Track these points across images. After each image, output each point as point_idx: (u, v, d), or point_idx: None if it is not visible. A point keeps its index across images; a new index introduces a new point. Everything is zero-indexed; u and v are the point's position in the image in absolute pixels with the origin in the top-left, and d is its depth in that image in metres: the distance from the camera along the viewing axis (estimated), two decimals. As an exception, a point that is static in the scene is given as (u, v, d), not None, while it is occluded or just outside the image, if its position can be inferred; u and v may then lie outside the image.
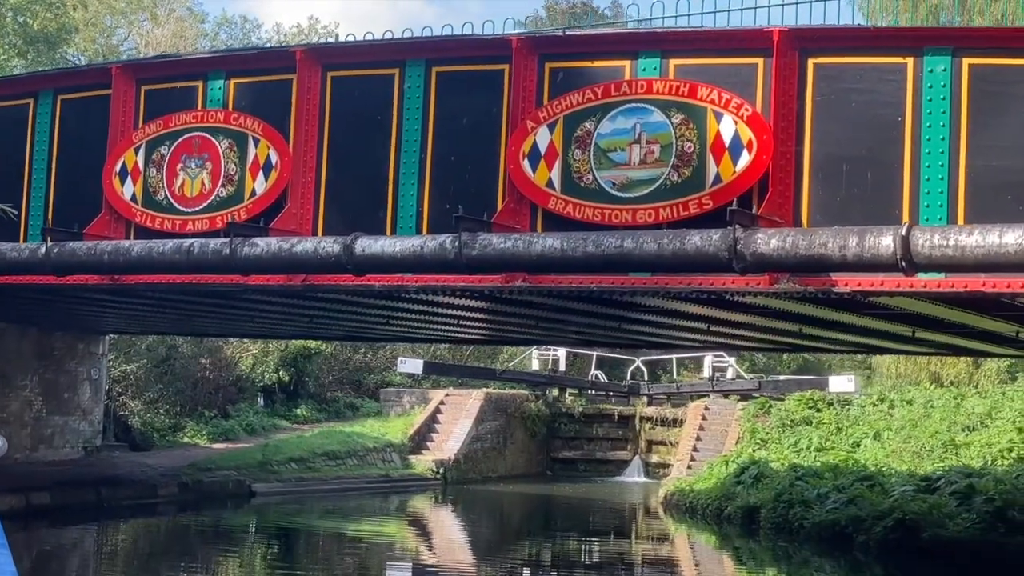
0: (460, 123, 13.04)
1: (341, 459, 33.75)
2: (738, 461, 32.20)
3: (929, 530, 22.52)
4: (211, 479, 28.85)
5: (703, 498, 29.97)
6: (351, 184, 13.63)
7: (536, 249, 11.42)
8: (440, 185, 13.08)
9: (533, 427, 41.88)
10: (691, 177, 11.55)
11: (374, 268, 12.40)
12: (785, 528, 26.10)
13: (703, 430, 36.86)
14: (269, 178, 13.78)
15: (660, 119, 11.73)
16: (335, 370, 47.78)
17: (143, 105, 14.89)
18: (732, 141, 11.41)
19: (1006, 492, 22.80)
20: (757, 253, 10.45)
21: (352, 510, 31.50)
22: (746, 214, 10.73)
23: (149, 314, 21.73)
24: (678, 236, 10.81)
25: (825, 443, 33.20)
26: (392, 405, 41.92)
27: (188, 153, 14.31)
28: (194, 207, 14.20)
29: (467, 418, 38.47)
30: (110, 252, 13.74)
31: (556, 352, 44.42)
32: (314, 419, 42.43)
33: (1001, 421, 30.96)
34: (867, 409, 36.43)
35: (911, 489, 24.95)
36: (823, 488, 26.60)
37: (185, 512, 27.41)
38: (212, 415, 38.37)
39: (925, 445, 30.34)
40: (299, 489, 31.14)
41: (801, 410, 36.21)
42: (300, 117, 13.72)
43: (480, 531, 31.52)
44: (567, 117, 12.22)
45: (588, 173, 12.04)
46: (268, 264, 12.86)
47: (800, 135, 11.33)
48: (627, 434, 43.19)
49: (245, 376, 41.88)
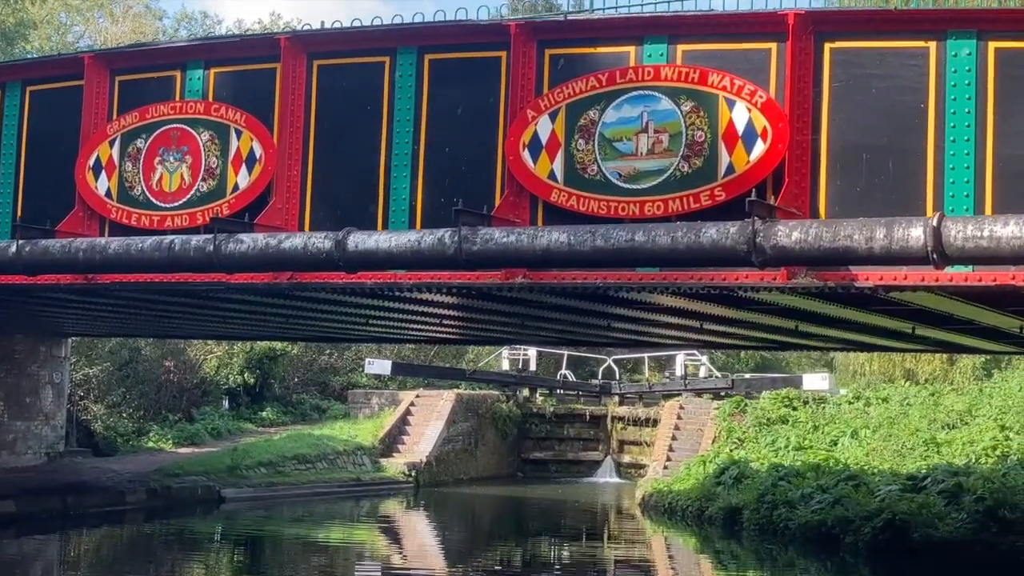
0: (455, 113, 12.48)
1: (311, 463, 33.14)
2: (716, 461, 31.84)
3: (919, 530, 22.19)
4: (180, 485, 28.17)
5: (682, 499, 29.57)
6: (339, 178, 13.05)
7: (541, 243, 10.88)
8: (434, 178, 12.52)
9: (504, 428, 41.40)
10: (702, 167, 11.05)
11: (368, 265, 11.83)
12: (769, 529, 25.72)
13: (678, 429, 36.49)
14: (253, 171, 13.17)
15: (669, 107, 11.23)
16: (300, 372, 47.13)
17: (117, 96, 14.24)
18: (746, 129, 10.93)
19: (996, 491, 22.48)
20: (778, 246, 9.96)
21: (323, 515, 30.90)
22: (765, 205, 10.25)
23: (117, 315, 21.02)
24: (693, 229, 10.30)
25: (803, 442, 32.90)
26: (360, 407, 41.32)
27: (166, 146, 13.68)
28: (173, 202, 13.57)
29: (438, 419, 37.94)
30: (85, 250, 13.09)
31: (527, 352, 43.94)
32: (280, 422, 41.78)
33: (982, 418, 30.74)
34: (843, 407, 36.21)
35: (897, 489, 24.62)
36: (807, 488, 26.24)
37: (154, 519, 26.71)
38: (176, 419, 37.66)
39: (906, 443, 30.07)
40: (270, 494, 30.51)
41: (777, 409, 35.93)
42: (285, 108, 13.12)
43: (453, 535, 31.03)
44: (569, 106, 11.69)
45: (592, 164, 11.53)
46: (254, 261, 12.25)
47: (817, 123, 10.85)
48: (599, 434, 42.84)
49: (209, 379, 41.19)
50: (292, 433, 36.65)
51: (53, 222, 13.99)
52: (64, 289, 14.98)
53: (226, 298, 16.39)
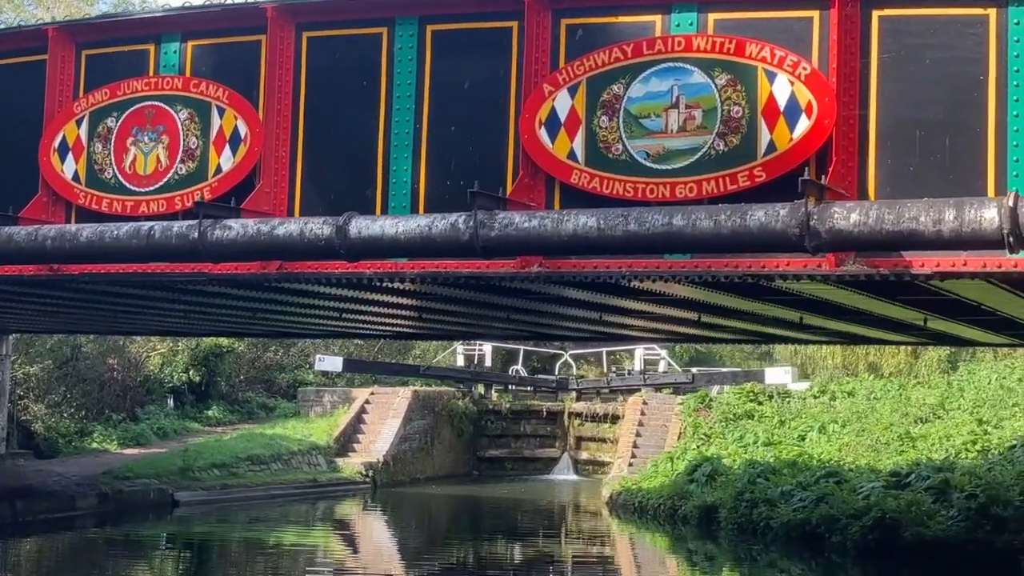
0: (461, 89, 11.54)
1: (265, 464, 32.14)
2: (686, 458, 31.25)
3: (910, 529, 21.64)
4: (131, 488, 27.07)
5: (653, 497, 28.91)
6: (332, 160, 12.07)
7: (567, 228, 10.01)
8: (438, 159, 11.58)
9: (460, 425, 40.60)
10: (740, 146, 10.22)
11: (371, 252, 10.89)
12: (749, 528, 25.10)
13: (642, 426, 35.86)
14: (237, 153, 12.15)
15: (702, 80, 10.39)
16: (245, 369, 46.04)
17: (84, 72, 13.16)
18: (788, 104, 10.11)
19: (987, 487, 21.96)
20: (835, 230, 9.16)
21: (279, 518, 29.98)
22: (818, 185, 9.45)
23: (73, 310, 19.87)
24: (738, 211, 9.48)
25: (772, 437, 32.38)
26: (311, 405, 40.28)
27: (140, 125, 12.61)
28: (148, 186, 12.51)
29: (395, 417, 37.03)
30: (54, 238, 12.03)
31: (482, 347, 43.17)
32: (227, 421, 40.74)
33: (956, 412, 30.37)
34: (808, 401, 35.84)
35: (880, 486, 24.05)
36: (786, 486, 25.65)
37: (105, 525, 25.63)
38: (120, 418, 36.50)
39: (880, 438, 29.63)
40: (224, 497, 29.47)
41: (742, 403, 35.44)
42: (272, 84, 12.11)
43: (410, 537, 30.23)
44: (591, 80, 10.81)
45: (617, 143, 10.66)
46: (244, 249, 11.27)
47: (865, 97, 10.05)
48: (556, 431, 42.21)
49: (153, 377, 40.01)
50: (243, 433, 35.59)
51: (15, 209, 12.92)
52: (25, 282, 13.88)
53: (199, 291, 15.38)
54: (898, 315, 16.11)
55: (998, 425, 28.09)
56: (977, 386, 32.53)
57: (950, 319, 16.73)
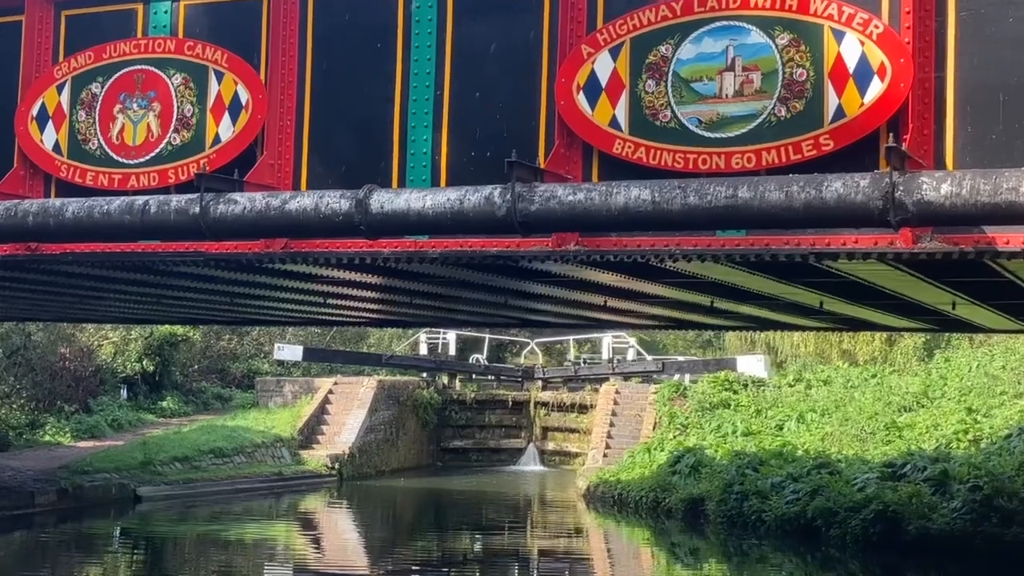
0: (486, 51, 10.61)
1: (228, 457, 31.03)
2: (665, 448, 30.53)
3: (913, 523, 20.97)
4: (92, 483, 25.94)
5: (634, 490, 28.16)
6: (342, 129, 11.09)
7: (618, 202, 9.11)
8: (461, 129, 10.64)
9: (424, 416, 39.69)
10: (804, 112, 9.35)
11: (395, 229, 9.94)
12: (739, 522, 24.41)
13: (616, 415, 35.08)
14: (238, 121, 11.16)
15: (761, 40, 9.52)
16: (198, 359, 44.86)
17: (64, 34, 12.11)
18: (858, 66, 9.26)
19: (991, 478, 21.34)
20: (923, 202, 8.32)
21: (244, 513, 28.92)
22: (902, 153, 8.62)
23: (32, 295, 18.72)
24: (812, 182, 8.62)
25: (750, 427, 31.71)
26: (271, 395, 39.20)
27: (128, 91, 11.59)
28: (138, 158, 11.48)
29: (360, 408, 36.02)
30: (36, 213, 10.97)
31: (446, 336, 42.27)
32: (182, 412, 39.61)
33: (942, 400, 29.80)
34: (783, 390, 35.21)
35: (875, 477, 23.43)
36: (776, 477, 24.96)
37: (66, 522, 24.50)
38: (73, 410, 35.30)
39: (865, 428, 29.00)
40: (187, 492, 28.39)
41: (717, 392, 34.76)
42: (276, 47, 11.12)
43: (383, 532, 29.32)
44: (635, 40, 9.92)
45: (665, 109, 9.77)
46: (251, 226, 10.28)
47: (941, 59, 9.25)
48: (521, 421, 41.46)
49: (106, 366, 38.76)
50: (203, 424, 34.44)
51: (-11, 183, 11.88)
52: None
53: (184, 273, 14.35)
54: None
55: (988, 414, 27.53)
56: (960, 374, 31.99)
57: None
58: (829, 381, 35.21)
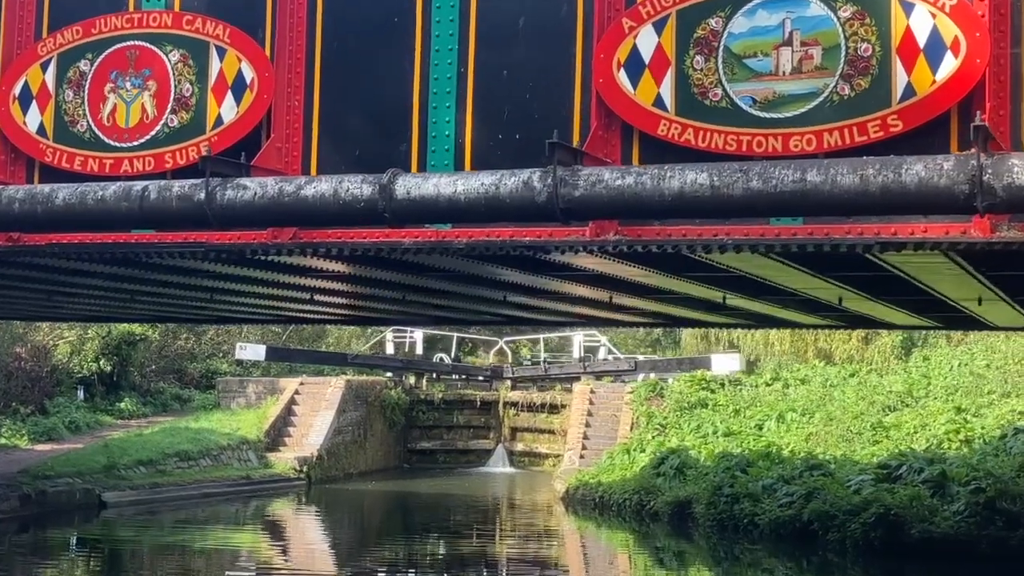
0: (514, 26, 9.87)
1: (194, 460, 30.11)
2: (646, 449, 29.90)
3: (916, 526, 20.42)
4: (54, 489, 24.98)
5: (616, 492, 27.51)
6: (355, 110, 10.32)
7: (672, 187, 8.39)
8: (487, 109, 9.90)
9: (392, 416, 38.91)
10: (869, 90, 8.69)
11: (423, 216, 9.17)
12: (730, 525, 23.81)
13: (591, 415, 34.41)
14: (242, 101, 10.37)
15: (821, 12, 8.85)
16: (155, 358, 43.80)
17: (48, 8, 11.28)
18: (930, 40, 8.62)
19: (993, 480, 20.85)
20: (1015, 186, 7.64)
21: (211, 518, 28.03)
22: (988, 133, 7.97)
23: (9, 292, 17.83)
24: (889, 164, 7.94)
25: (730, 427, 31.17)
26: (233, 396, 38.28)
27: (120, 69, 10.76)
28: (131, 141, 10.66)
29: (328, 409, 35.14)
30: (23, 200, 10.13)
31: (413, 334, 41.47)
32: (140, 413, 38.64)
33: (927, 400, 29.36)
34: (761, 389, 34.70)
35: (870, 478, 22.90)
36: (766, 479, 24.38)
37: (29, 530, 23.51)
38: (28, 411, 34.28)
39: (851, 427, 28.49)
40: (153, 497, 27.46)
41: (694, 391, 34.22)
42: (283, 21, 10.34)
43: (348, 537, 28.55)
44: (682, 12, 9.22)
45: (715, 87, 9.08)
46: (262, 213, 9.48)
47: (1017, 34, 8.63)
48: (490, 421, 40.80)
49: (61, 367, 37.69)
50: (165, 426, 33.46)
51: (-32, 168, 11.02)
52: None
53: (169, 267, 13.53)
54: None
55: (978, 413, 27.13)
56: (943, 373, 31.60)
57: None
58: (807, 380, 34.76)
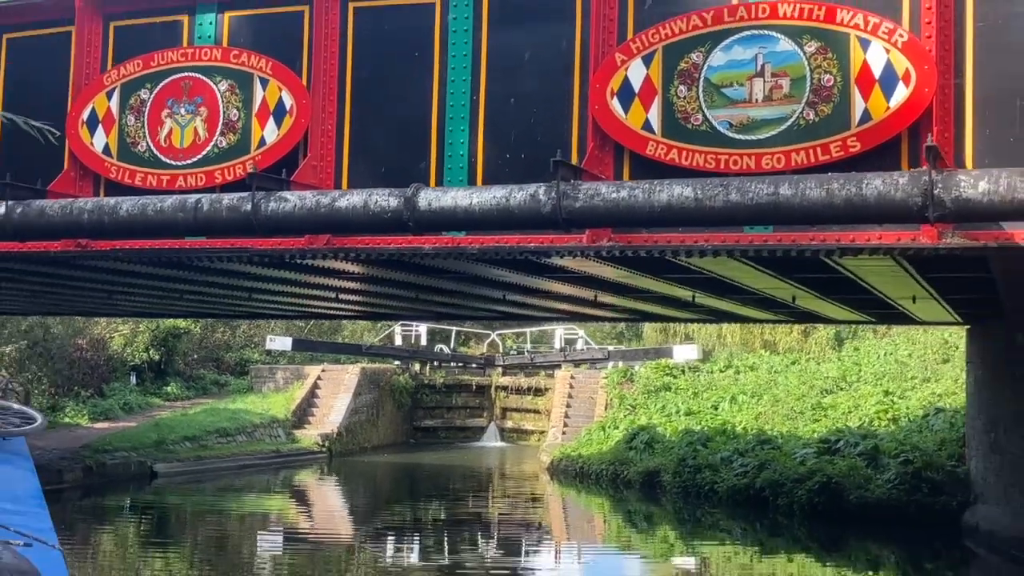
0: (520, 59, 9.66)
1: (232, 436, 29.77)
2: (619, 426, 29.64)
3: (854, 492, 20.25)
4: (113, 461, 24.66)
5: (595, 463, 27.28)
6: (381, 132, 10.09)
7: (660, 199, 8.20)
8: (496, 131, 9.68)
9: (400, 399, 38.60)
10: (831, 115, 8.50)
11: (442, 225, 8.97)
12: (693, 492, 23.61)
13: (572, 397, 34.17)
14: (282, 125, 10.14)
15: (789, 48, 8.65)
16: (197, 349, 43.39)
17: (112, 44, 11.02)
18: (884, 72, 8.41)
19: (920, 453, 20.69)
20: (961, 199, 7.49)
21: (246, 486, 27.71)
22: (938, 152, 7.77)
23: (63, 290, 17.50)
24: (852, 180, 7.76)
25: (691, 407, 30.94)
26: (264, 381, 37.91)
27: (175, 97, 10.51)
28: (186, 159, 10.44)
29: (346, 392, 34.84)
30: (91, 211, 9.89)
31: (418, 328, 41.15)
32: (184, 396, 38.18)
33: (859, 384, 29.19)
34: (716, 375, 34.45)
35: (813, 451, 22.71)
36: (724, 452, 24.18)
37: (91, 496, 23.18)
38: (88, 394, 33.84)
39: (794, 408, 28.29)
40: (197, 468, 27.13)
41: (659, 377, 33.96)
42: (318, 56, 10.12)
43: (363, 501, 28.25)
44: (667, 48, 9.02)
45: (697, 113, 8.87)
46: (301, 223, 9.26)
47: (960, 67, 8.43)
48: (484, 403, 40.44)
49: (116, 356, 37.29)
50: (207, 407, 33.10)
51: (43, 183, 10.74)
52: (48, 259, 11.68)
53: (218, 269, 13.27)
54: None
55: (902, 396, 26.96)
56: (871, 361, 31.43)
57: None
58: (755, 367, 34.54)
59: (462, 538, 21.50)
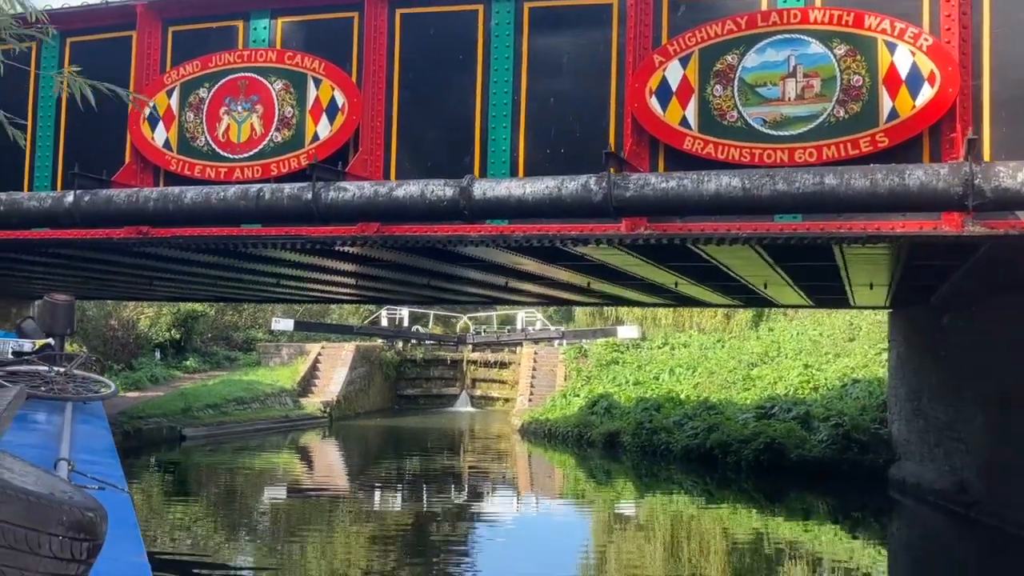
0: (559, 62, 8.60)
1: (247, 404, 28.35)
2: (579, 394, 28.65)
3: (793, 451, 19.43)
4: (148, 427, 23.24)
5: (561, 426, 26.25)
6: (428, 129, 8.98)
7: (709, 188, 7.18)
8: (537, 128, 8.61)
9: (387, 371, 37.31)
10: (860, 113, 7.55)
11: (495, 213, 7.88)
12: (650, 451, 22.66)
13: (536, 370, 33.14)
14: (335, 122, 8.99)
15: (820, 50, 7.68)
16: (211, 328, 41.75)
17: (171, 47, 9.78)
18: (910, 74, 7.48)
19: (848, 417, 19.91)
20: (1000, 188, 6.57)
21: (259, 447, 26.34)
22: (976, 144, 6.83)
23: (112, 276, 16.12)
24: (895, 170, 6.80)
25: (637, 378, 30.02)
26: (271, 357, 36.38)
27: (232, 95, 9.31)
28: (242, 153, 9.24)
29: (343, 366, 33.51)
30: (156, 199, 8.66)
31: (401, 311, 39.86)
32: (201, 369, 36.54)
33: (780, 359, 28.41)
34: (655, 351, 33.54)
35: (752, 416, 21.86)
36: (675, 417, 23.27)
37: (129, 457, 21.71)
38: (120, 368, 32.14)
39: (727, 379, 27.47)
40: (220, 432, 25.74)
41: (608, 353, 33.02)
42: (368, 58, 8.98)
43: (357, 459, 26.98)
44: (703, 50, 8.00)
45: (732, 110, 7.87)
46: (359, 211, 8.13)
47: (978, 69, 7.51)
48: (457, 374, 39.23)
49: (143, 335, 35.60)
50: (224, 379, 31.61)
51: (107, 175, 9.48)
52: (110, 246, 10.39)
53: (255, 256, 12.03)
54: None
55: (820, 369, 26.22)
56: (789, 339, 30.71)
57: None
58: (687, 345, 33.70)
59: (439, 487, 20.46)
